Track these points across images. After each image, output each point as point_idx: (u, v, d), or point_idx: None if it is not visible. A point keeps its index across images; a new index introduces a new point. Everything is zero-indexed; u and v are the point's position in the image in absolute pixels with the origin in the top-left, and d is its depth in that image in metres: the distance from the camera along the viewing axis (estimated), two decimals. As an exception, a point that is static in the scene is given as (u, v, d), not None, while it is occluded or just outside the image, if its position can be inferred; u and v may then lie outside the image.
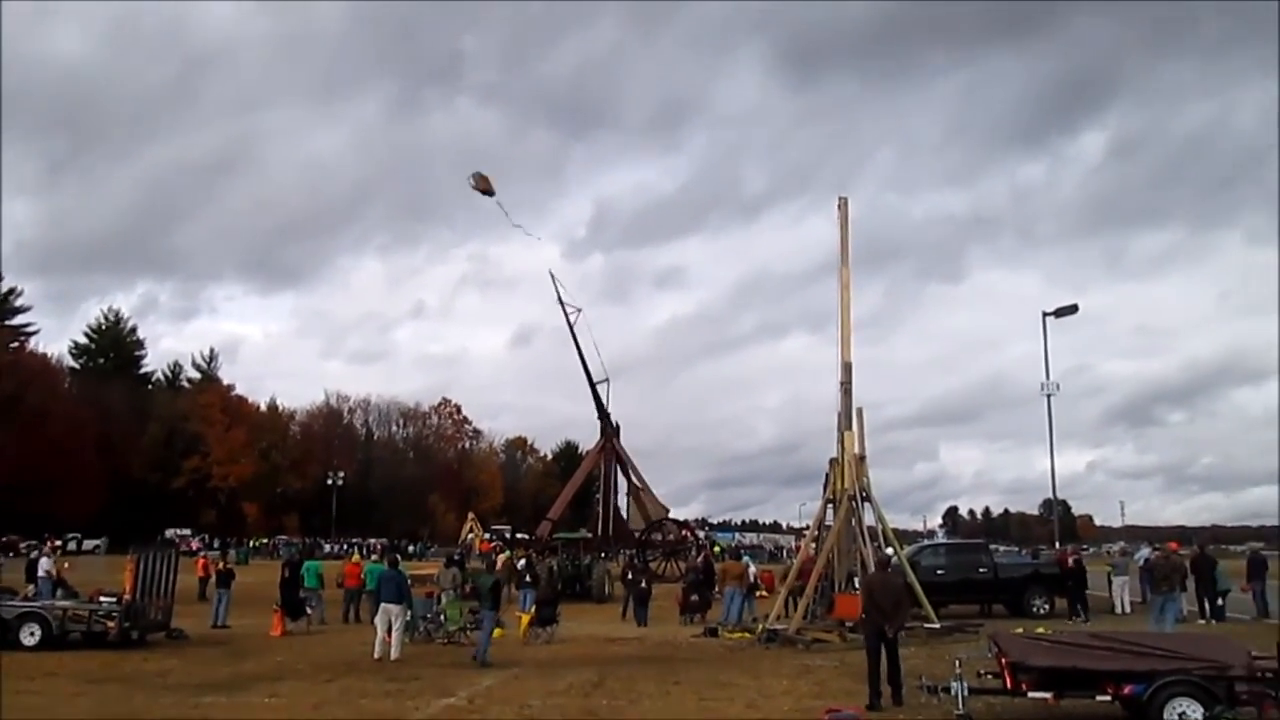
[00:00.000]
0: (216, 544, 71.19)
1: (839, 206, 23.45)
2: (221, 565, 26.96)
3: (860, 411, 21.95)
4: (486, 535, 75.19)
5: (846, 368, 22.10)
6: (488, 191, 17.78)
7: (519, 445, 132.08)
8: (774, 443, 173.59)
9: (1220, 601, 24.84)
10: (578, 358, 56.53)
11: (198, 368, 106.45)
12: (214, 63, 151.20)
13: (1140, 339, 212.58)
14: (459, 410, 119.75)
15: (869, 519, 21.43)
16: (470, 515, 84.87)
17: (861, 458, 21.53)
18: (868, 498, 21.42)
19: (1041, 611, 25.21)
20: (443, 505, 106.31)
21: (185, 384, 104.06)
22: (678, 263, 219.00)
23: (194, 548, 65.00)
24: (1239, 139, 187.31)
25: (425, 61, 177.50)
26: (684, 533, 51.69)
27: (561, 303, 56.74)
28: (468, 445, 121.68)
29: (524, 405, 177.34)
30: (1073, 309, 36.28)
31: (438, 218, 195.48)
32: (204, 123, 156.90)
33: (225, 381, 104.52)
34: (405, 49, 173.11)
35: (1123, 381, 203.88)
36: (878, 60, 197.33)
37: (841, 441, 21.56)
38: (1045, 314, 36.04)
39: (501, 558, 39.28)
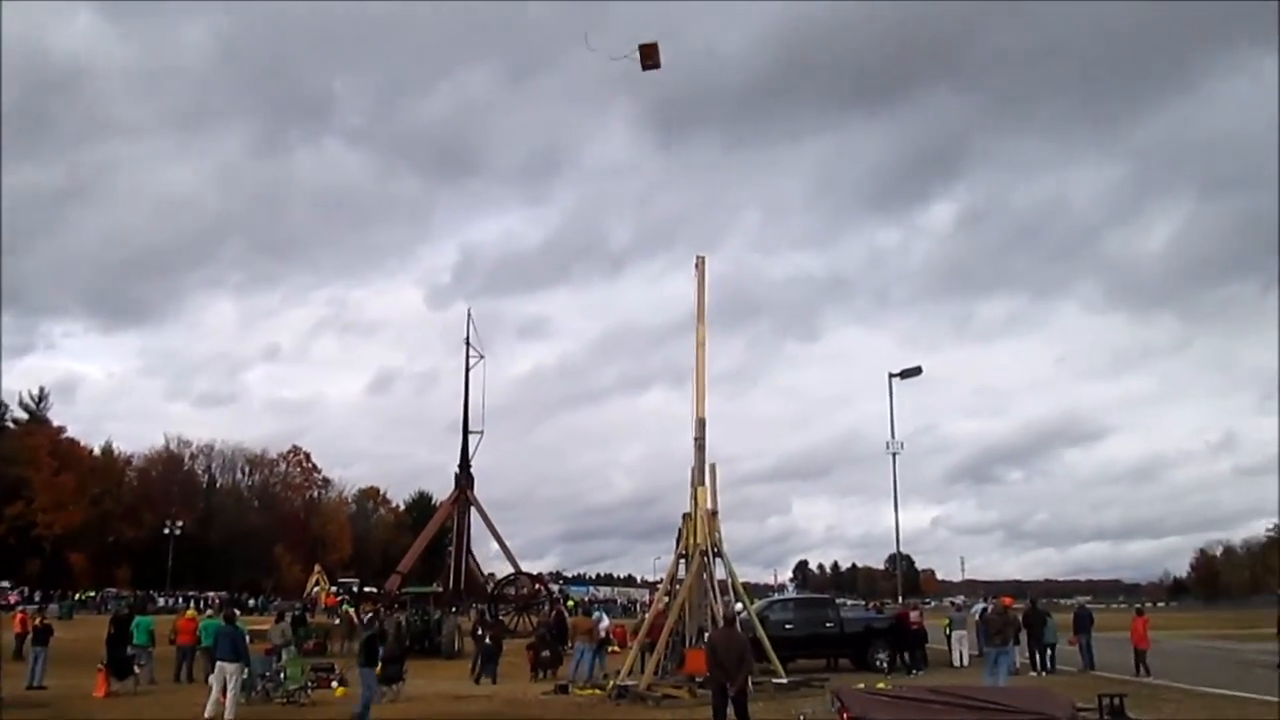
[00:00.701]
0: (38, 597, 66.59)
1: (697, 265, 24.03)
2: (39, 621, 25.21)
3: (714, 467, 22.37)
4: (333, 589, 72.85)
5: (700, 424, 22.50)
6: (650, 60, 16.63)
7: (370, 495, 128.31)
8: (631, 496, 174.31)
9: (1051, 654, 25.97)
10: (463, 403, 56.30)
11: (25, 408, 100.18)
12: (66, 87, 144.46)
13: (983, 400, 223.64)
14: (308, 458, 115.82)
15: (720, 573, 21.69)
16: (316, 567, 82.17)
17: (714, 513, 21.85)
18: (719, 553, 21.73)
19: (884, 666, 25.84)
20: (288, 557, 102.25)
21: (10, 425, 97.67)
22: (541, 313, 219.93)
23: (12, 601, 60.57)
24: (1075, 214, 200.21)
25: (294, 100, 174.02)
26: (537, 587, 51.18)
27: (468, 344, 56.45)
28: (316, 494, 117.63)
29: (378, 453, 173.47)
30: (916, 371, 37.89)
31: (298, 259, 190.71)
32: (51, 148, 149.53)
33: (57, 423, 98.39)
34: (274, 86, 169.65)
35: (966, 441, 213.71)
36: (743, 124, 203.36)
37: (695, 497, 21.86)
38: (891, 375, 37.54)
39: (343, 611, 38.10)
